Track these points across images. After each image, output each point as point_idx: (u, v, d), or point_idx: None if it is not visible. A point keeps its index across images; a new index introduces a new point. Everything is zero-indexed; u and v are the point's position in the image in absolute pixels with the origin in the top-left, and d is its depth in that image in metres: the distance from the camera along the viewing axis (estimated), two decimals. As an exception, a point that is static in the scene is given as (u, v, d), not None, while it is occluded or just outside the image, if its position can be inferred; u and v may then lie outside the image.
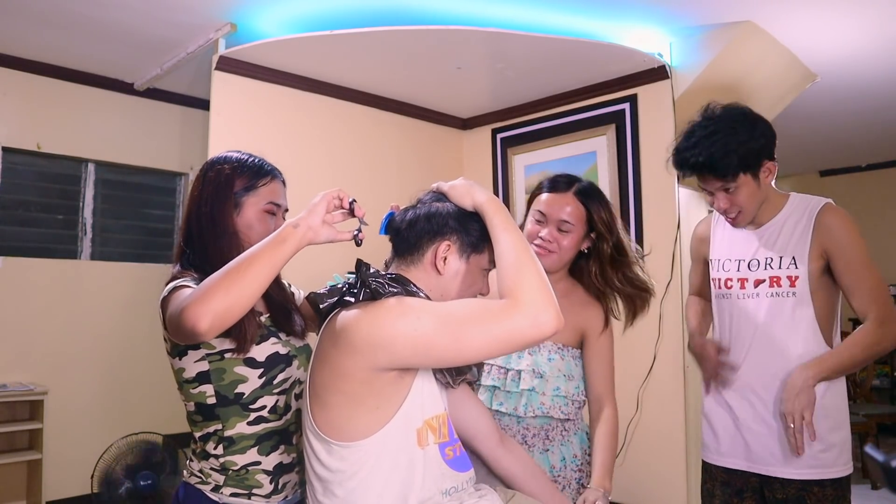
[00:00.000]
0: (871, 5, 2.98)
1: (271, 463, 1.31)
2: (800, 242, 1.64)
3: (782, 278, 1.65)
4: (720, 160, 1.58)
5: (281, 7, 3.06)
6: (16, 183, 3.67)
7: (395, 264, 1.25)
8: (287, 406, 1.34)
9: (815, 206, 1.67)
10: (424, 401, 1.15)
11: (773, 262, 1.67)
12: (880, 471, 0.74)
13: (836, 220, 1.64)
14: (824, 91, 4.00)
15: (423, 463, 1.13)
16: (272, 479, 1.31)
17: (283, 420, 1.33)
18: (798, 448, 1.56)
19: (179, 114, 4.16)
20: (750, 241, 1.73)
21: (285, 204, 1.42)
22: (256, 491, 1.30)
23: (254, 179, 1.36)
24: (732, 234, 1.78)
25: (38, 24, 3.17)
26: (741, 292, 1.72)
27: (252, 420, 1.29)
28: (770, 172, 1.66)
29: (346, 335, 1.09)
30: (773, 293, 1.66)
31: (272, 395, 1.31)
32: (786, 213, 1.69)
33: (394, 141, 4.03)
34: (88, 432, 3.60)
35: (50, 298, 3.65)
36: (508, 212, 1.20)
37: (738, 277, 1.73)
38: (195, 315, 1.04)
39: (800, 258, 1.64)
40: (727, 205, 1.66)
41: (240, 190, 1.34)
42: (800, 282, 1.63)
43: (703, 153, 1.60)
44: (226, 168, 1.36)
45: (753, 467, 1.69)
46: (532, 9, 3.06)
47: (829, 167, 6.49)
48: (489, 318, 1.04)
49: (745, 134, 1.60)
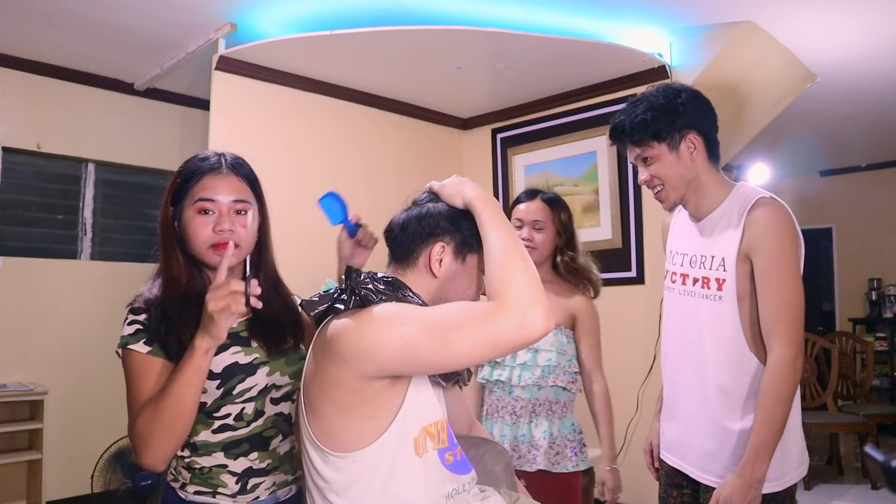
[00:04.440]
0: (871, 5, 2.97)
1: (240, 466, 1.28)
2: (730, 242, 1.50)
3: (711, 280, 1.54)
4: (631, 123, 1.54)
5: (281, 7, 3.06)
6: (16, 183, 3.67)
7: (392, 268, 1.22)
8: (258, 412, 1.30)
9: (748, 201, 1.51)
10: (421, 409, 1.13)
11: (706, 261, 1.56)
12: (880, 471, 0.74)
13: (762, 217, 1.46)
14: (824, 91, 4.00)
15: (422, 471, 1.11)
16: (238, 480, 1.28)
17: (251, 427, 1.29)
18: None
19: (179, 114, 4.16)
20: (694, 235, 1.61)
21: (232, 196, 1.28)
22: (221, 490, 1.28)
23: (187, 180, 1.29)
24: (683, 225, 1.68)
25: (38, 24, 3.17)
26: (682, 288, 1.62)
27: (216, 428, 1.27)
28: (695, 148, 1.53)
29: (335, 344, 1.08)
30: (703, 294, 1.55)
31: (235, 405, 1.27)
32: (725, 207, 1.54)
33: (393, 141, 4.03)
34: (88, 432, 3.59)
35: (50, 298, 3.65)
36: (499, 207, 1.16)
37: (681, 272, 1.63)
38: (152, 463, 1.18)
39: (728, 260, 1.50)
40: (647, 176, 1.58)
41: (176, 197, 1.29)
42: (726, 285, 1.50)
43: (619, 120, 1.58)
44: (171, 176, 1.32)
45: (686, 469, 1.63)
46: (532, 9, 3.06)
47: (829, 167, 6.49)
48: (475, 322, 1.00)
49: (664, 101, 1.53)
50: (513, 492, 1.37)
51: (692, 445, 1.60)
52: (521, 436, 1.99)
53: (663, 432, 1.72)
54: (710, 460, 1.55)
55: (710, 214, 1.57)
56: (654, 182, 1.57)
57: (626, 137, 1.56)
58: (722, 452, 1.52)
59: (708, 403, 1.55)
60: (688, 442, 1.62)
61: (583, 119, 3.81)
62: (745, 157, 5.38)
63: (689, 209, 1.62)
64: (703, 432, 1.56)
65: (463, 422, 1.50)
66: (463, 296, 1.20)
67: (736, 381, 1.51)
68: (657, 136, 1.52)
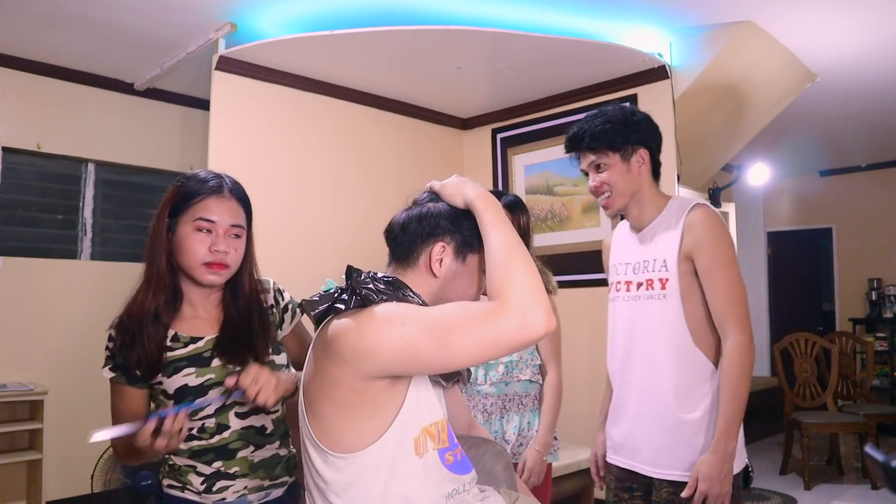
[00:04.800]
0: (871, 5, 2.98)
1: (208, 470, 1.37)
2: (669, 244, 1.64)
3: (654, 281, 1.66)
4: (591, 132, 1.68)
5: (281, 7, 3.06)
6: (16, 183, 3.67)
7: (392, 268, 1.22)
8: (221, 426, 1.36)
9: (685, 207, 1.67)
10: (421, 409, 1.13)
11: (648, 264, 1.69)
12: (880, 471, 0.74)
13: (701, 219, 1.62)
14: (824, 91, 4.00)
15: (422, 471, 1.11)
16: (204, 481, 1.37)
17: (216, 439, 1.36)
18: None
19: (179, 114, 4.16)
20: (634, 244, 1.76)
21: (230, 220, 1.36)
22: (189, 487, 1.37)
23: (188, 198, 1.35)
24: (626, 238, 1.82)
25: (38, 24, 3.17)
26: (626, 294, 1.74)
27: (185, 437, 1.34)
28: (644, 162, 1.69)
29: (335, 344, 1.08)
30: (648, 296, 1.68)
31: (194, 421, 1.34)
32: (664, 216, 1.70)
33: (393, 141, 4.03)
34: (88, 432, 3.59)
35: (50, 298, 3.65)
36: (501, 207, 1.16)
37: (625, 280, 1.76)
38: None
39: (670, 260, 1.64)
40: (598, 182, 1.70)
41: (174, 210, 1.35)
42: (669, 284, 1.63)
43: (578, 128, 1.72)
44: (171, 188, 1.38)
45: (637, 467, 1.70)
46: (532, 9, 3.06)
47: (829, 167, 6.49)
48: (476, 322, 0.99)
49: (620, 117, 1.69)
50: (513, 491, 1.37)
51: (643, 443, 1.69)
52: (494, 432, 2.05)
53: (611, 436, 1.80)
54: (663, 455, 1.64)
55: (651, 224, 1.71)
56: (603, 188, 1.70)
57: (584, 144, 1.69)
58: (675, 445, 1.62)
59: (659, 399, 1.65)
60: (638, 440, 1.70)
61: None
62: (745, 157, 5.38)
63: (630, 219, 1.76)
64: (655, 428, 1.66)
65: (462, 422, 1.50)
66: (463, 296, 1.20)
67: (684, 375, 1.63)
68: (612, 146, 1.67)
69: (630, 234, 1.80)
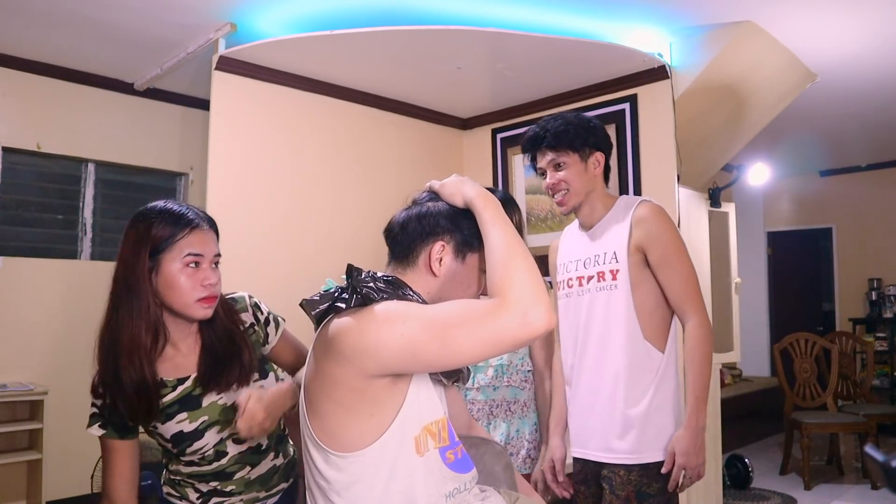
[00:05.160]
0: (871, 5, 2.98)
1: (205, 488, 1.40)
2: (619, 237, 1.75)
3: (605, 272, 1.76)
4: (554, 131, 1.78)
5: (281, 7, 3.06)
6: (16, 183, 3.67)
7: (392, 268, 1.22)
8: (220, 453, 1.37)
9: (632, 203, 1.79)
10: (422, 407, 1.13)
11: (599, 258, 1.79)
12: (880, 471, 0.74)
13: (650, 213, 1.74)
14: (824, 91, 4.00)
15: (423, 470, 1.11)
16: (200, 497, 1.40)
17: (214, 465, 1.38)
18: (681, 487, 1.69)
19: (179, 114, 4.16)
20: (584, 241, 1.86)
21: (214, 250, 1.35)
22: (186, 498, 1.41)
23: (171, 233, 1.30)
24: (574, 238, 1.92)
25: (38, 24, 3.17)
26: (579, 289, 1.83)
27: (186, 462, 1.38)
28: (599, 164, 1.81)
29: (336, 343, 1.08)
30: (599, 287, 1.78)
31: (195, 454, 1.36)
32: (612, 213, 1.81)
33: (394, 141, 4.03)
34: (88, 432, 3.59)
35: (50, 298, 3.65)
36: (500, 206, 1.16)
37: (577, 276, 1.85)
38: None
39: (620, 252, 1.74)
40: (555, 180, 1.79)
41: (154, 249, 1.30)
42: (620, 275, 1.73)
43: (540, 128, 1.82)
44: (141, 227, 1.32)
45: (587, 453, 1.81)
46: (532, 9, 3.06)
47: (829, 167, 6.49)
48: (476, 320, 1.00)
49: (580, 121, 1.81)
50: (513, 492, 1.37)
51: (595, 430, 1.78)
52: None
53: (570, 430, 1.88)
54: (614, 441, 1.73)
55: (600, 221, 1.82)
56: (560, 186, 1.79)
57: (546, 142, 1.79)
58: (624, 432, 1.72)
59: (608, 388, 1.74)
60: (590, 428, 1.79)
61: (583, 119, 3.81)
62: (745, 157, 5.38)
63: (580, 217, 1.87)
64: (605, 417, 1.75)
65: (462, 421, 1.50)
66: (463, 295, 1.20)
67: (633, 364, 1.72)
68: (572, 146, 1.77)
69: (579, 232, 1.89)
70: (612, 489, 1.70)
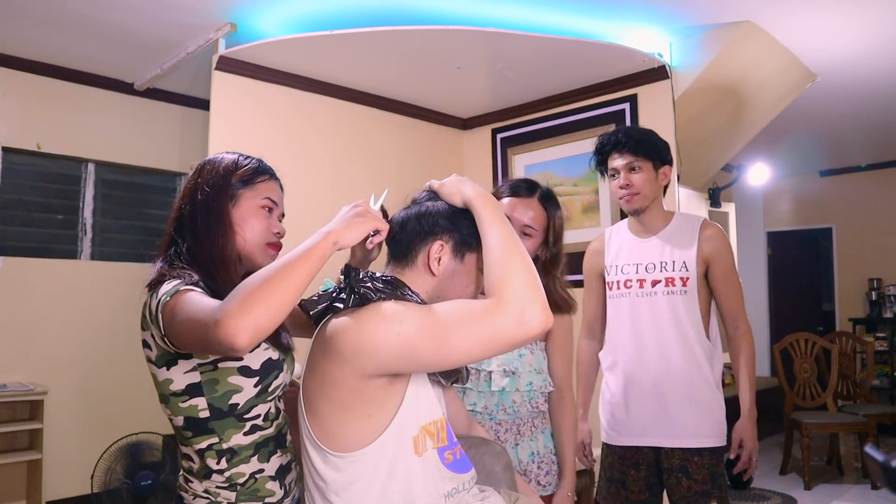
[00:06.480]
0: (871, 5, 2.98)
1: (273, 467, 1.26)
2: (688, 251, 2.00)
3: (675, 279, 2.00)
4: (638, 136, 2.00)
5: (281, 7, 3.06)
6: (16, 183, 3.67)
7: (391, 267, 1.22)
8: (278, 411, 1.29)
9: (696, 222, 2.05)
10: (420, 407, 1.13)
11: (666, 265, 2.01)
12: (880, 471, 0.74)
13: (718, 234, 2.02)
14: (824, 91, 4.00)
15: (421, 470, 1.11)
16: (279, 483, 1.27)
17: (274, 425, 1.27)
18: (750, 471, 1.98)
19: (179, 114, 4.16)
20: (644, 248, 2.06)
21: (282, 206, 1.36)
22: (269, 499, 1.24)
23: (252, 175, 1.31)
24: (627, 242, 2.10)
25: (38, 24, 3.17)
26: (640, 291, 2.04)
27: (248, 430, 1.22)
28: (666, 177, 2.03)
29: (334, 343, 1.07)
30: (667, 291, 2.00)
31: (266, 403, 1.24)
32: (673, 226, 2.05)
33: (394, 141, 4.03)
34: (88, 432, 3.59)
35: (50, 298, 3.65)
36: (499, 205, 1.16)
37: (637, 278, 2.05)
38: (235, 329, 0.93)
39: (689, 263, 1.99)
40: (628, 182, 1.98)
41: (237, 182, 1.29)
42: (690, 282, 1.99)
43: (623, 134, 2.01)
44: (224, 162, 1.31)
45: (645, 441, 2.00)
46: (532, 9, 3.06)
47: (829, 167, 6.49)
48: (473, 319, 1.00)
49: (656, 136, 2.04)
50: (512, 492, 1.37)
51: (660, 419, 1.98)
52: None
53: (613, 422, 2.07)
54: (690, 429, 1.95)
55: (662, 231, 2.05)
56: (633, 187, 1.98)
57: (628, 147, 1.98)
58: (698, 421, 1.95)
59: (679, 381, 1.96)
60: (653, 418, 1.99)
61: (583, 119, 3.81)
62: (745, 157, 5.38)
63: (641, 222, 2.07)
64: (676, 407, 1.96)
65: (461, 422, 1.50)
66: (461, 295, 1.20)
67: (700, 361, 1.97)
68: (649, 155, 1.98)
69: (634, 238, 2.09)
70: (687, 474, 1.93)
